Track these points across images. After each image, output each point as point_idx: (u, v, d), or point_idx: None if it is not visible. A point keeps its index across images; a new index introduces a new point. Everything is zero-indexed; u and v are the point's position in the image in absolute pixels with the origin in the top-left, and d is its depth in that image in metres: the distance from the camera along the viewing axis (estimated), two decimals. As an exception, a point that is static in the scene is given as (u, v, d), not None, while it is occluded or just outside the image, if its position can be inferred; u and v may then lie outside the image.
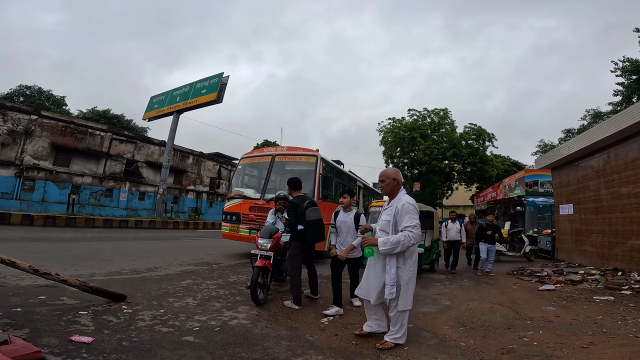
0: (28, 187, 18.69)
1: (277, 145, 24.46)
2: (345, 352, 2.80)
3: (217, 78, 20.64)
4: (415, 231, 2.74)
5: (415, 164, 28.29)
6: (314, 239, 4.24)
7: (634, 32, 19.14)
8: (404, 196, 2.95)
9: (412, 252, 2.89)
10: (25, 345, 2.17)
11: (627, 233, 7.26)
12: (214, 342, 2.77)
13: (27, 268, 3.25)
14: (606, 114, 23.25)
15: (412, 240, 2.74)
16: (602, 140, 7.91)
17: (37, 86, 31.11)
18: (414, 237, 2.74)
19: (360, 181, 13.22)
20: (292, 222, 4.18)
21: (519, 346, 3.06)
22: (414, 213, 2.81)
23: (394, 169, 3.16)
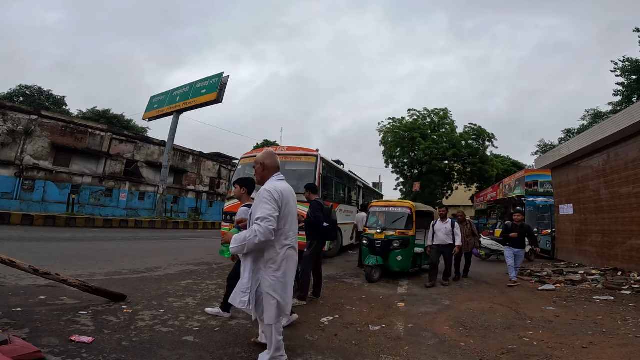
0: (28, 187, 18.69)
1: (277, 145, 24.47)
2: (345, 352, 2.80)
3: (217, 78, 20.65)
4: (263, 224, 2.11)
5: (415, 164, 28.30)
6: (332, 237, 4.61)
7: (634, 32, 19.16)
8: (269, 182, 2.36)
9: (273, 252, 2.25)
10: (25, 345, 2.17)
11: (627, 233, 7.26)
12: (214, 342, 2.77)
13: (27, 268, 3.25)
14: (606, 114, 23.26)
15: (259, 237, 2.10)
16: (602, 140, 7.90)
17: (37, 86, 31.13)
18: (261, 233, 2.10)
19: (360, 181, 13.22)
20: (320, 219, 4.38)
21: (519, 346, 3.06)
22: (268, 202, 2.19)
23: (266, 151, 2.56)
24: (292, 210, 2.38)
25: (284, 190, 2.32)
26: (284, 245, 2.28)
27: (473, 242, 7.13)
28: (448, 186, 29.42)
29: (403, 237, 6.35)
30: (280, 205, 2.24)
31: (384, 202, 8.04)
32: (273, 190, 2.25)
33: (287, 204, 2.31)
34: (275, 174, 2.44)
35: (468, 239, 6.97)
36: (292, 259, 2.34)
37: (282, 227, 2.28)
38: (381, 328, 3.46)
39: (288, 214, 2.32)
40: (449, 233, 6.22)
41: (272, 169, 2.45)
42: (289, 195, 2.36)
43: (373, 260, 6.03)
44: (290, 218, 2.36)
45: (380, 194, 20.26)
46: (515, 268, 6.40)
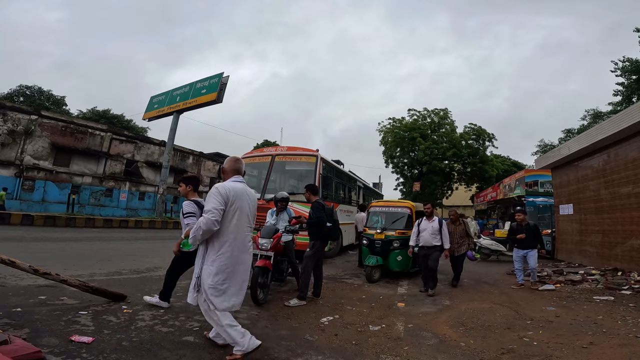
0: (28, 187, 18.70)
1: (277, 145, 24.47)
2: (345, 352, 2.80)
3: (217, 78, 20.64)
4: (207, 216, 2.33)
5: (415, 164, 28.29)
6: (334, 237, 4.73)
7: (634, 32, 19.16)
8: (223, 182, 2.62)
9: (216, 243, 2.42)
10: (25, 345, 2.17)
11: (627, 233, 7.26)
12: (213, 342, 2.77)
13: (27, 268, 3.25)
14: (606, 114, 23.26)
15: (202, 227, 2.31)
16: (602, 140, 7.90)
17: (37, 86, 31.15)
18: (204, 223, 2.31)
19: (361, 181, 13.22)
20: (322, 219, 4.44)
21: (519, 346, 3.06)
22: (214, 197, 2.41)
23: (229, 158, 2.77)
24: (242, 208, 2.55)
25: (235, 189, 2.53)
26: (227, 240, 2.44)
27: (467, 244, 6.30)
28: (448, 186, 29.40)
29: (403, 237, 6.35)
30: (227, 201, 2.44)
31: (384, 202, 8.04)
32: (220, 187, 2.47)
33: (235, 201, 2.49)
34: (234, 176, 2.67)
35: (461, 241, 6.24)
36: (235, 254, 2.47)
37: (228, 222, 2.45)
38: (381, 328, 3.46)
39: (236, 209, 2.50)
40: (435, 233, 5.54)
41: (230, 172, 2.70)
42: (240, 194, 2.56)
43: (373, 260, 6.03)
44: (239, 214, 2.51)
45: (380, 194, 20.25)
46: (532, 270, 6.15)
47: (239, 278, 2.51)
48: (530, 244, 6.10)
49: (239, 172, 2.72)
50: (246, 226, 2.60)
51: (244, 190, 2.62)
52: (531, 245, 6.10)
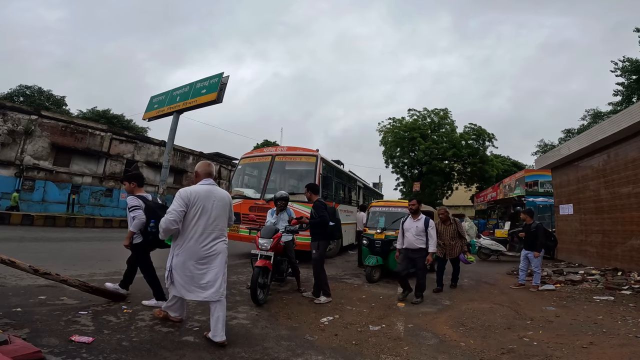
0: (28, 187, 18.68)
1: (277, 145, 24.44)
2: (345, 352, 2.80)
3: (217, 78, 20.58)
4: (167, 216, 2.71)
5: (415, 164, 28.27)
6: (338, 236, 4.87)
7: (634, 32, 19.16)
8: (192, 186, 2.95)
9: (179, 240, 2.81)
10: (25, 345, 2.17)
11: (627, 233, 7.26)
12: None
13: (27, 268, 3.25)
14: (606, 114, 23.25)
15: (162, 226, 2.71)
16: (602, 140, 7.90)
17: (37, 86, 31.12)
18: (164, 222, 2.70)
19: (361, 181, 13.22)
20: (326, 219, 4.49)
21: (519, 346, 3.06)
22: (175, 200, 2.76)
23: (200, 162, 3.09)
24: (205, 208, 2.82)
25: (198, 192, 2.82)
26: (187, 237, 2.78)
27: (459, 246, 5.87)
28: (448, 186, 29.39)
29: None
30: (188, 203, 2.75)
31: (384, 202, 8.04)
32: (182, 191, 2.80)
33: (197, 202, 2.78)
34: (203, 179, 2.97)
35: (453, 242, 5.83)
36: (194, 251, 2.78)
37: (189, 221, 2.77)
38: (381, 328, 3.46)
39: (198, 210, 2.79)
40: (420, 234, 4.81)
41: (202, 175, 2.99)
42: (205, 196, 2.84)
43: (373, 260, 6.03)
44: (201, 214, 2.80)
45: (381, 194, 20.24)
46: (533, 271, 6.04)
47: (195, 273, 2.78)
48: (529, 245, 6.05)
49: (210, 175, 3.02)
50: (210, 225, 2.84)
51: (209, 192, 2.87)
52: (531, 247, 6.02)
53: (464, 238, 6.00)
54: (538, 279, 6.10)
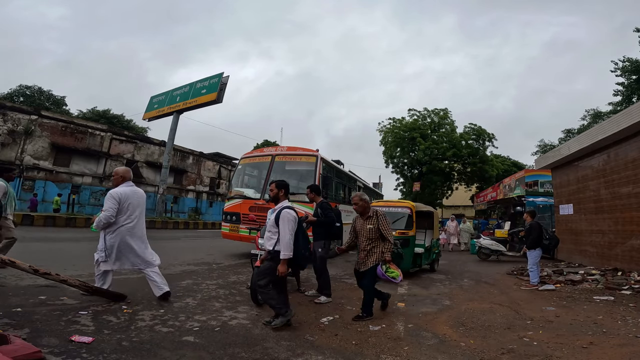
0: (28, 187, 18.70)
1: (277, 145, 24.44)
2: (345, 352, 2.80)
3: (217, 78, 20.65)
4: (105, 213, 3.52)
5: (415, 164, 28.27)
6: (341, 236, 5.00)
7: (634, 32, 19.16)
8: (117, 188, 3.70)
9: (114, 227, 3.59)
10: (25, 345, 2.17)
11: (627, 233, 7.26)
12: (214, 342, 2.77)
13: (27, 268, 3.25)
14: (606, 114, 23.26)
15: (103, 220, 3.52)
16: (602, 140, 7.90)
17: (37, 86, 31.15)
18: (104, 218, 3.53)
19: (360, 181, 13.22)
20: (333, 219, 4.60)
21: (519, 346, 3.06)
22: (109, 200, 3.54)
23: (124, 168, 3.85)
24: (133, 204, 3.70)
25: (125, 192, 3.67)
26: (119, 226, 3.61)
27: (378, 253, 3.83)
28: (448, 186, 29.40)
29: (403, 237, 6.35)
30: (119, 202, 3.59)
31: (384, 202, 8.04)
32: (114, 193, 3.60)
33: (126, 200, 3.64)
34: (125, 182, 3.77)
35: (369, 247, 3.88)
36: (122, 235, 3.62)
37: (121, 215, 3.62)
38: (381, 328, 3.46)
39: (127, 206, 3.65)
40: (271, 229, 3.37)
41: (126, 178, 3.79)
42: (130, 195, 3.70)
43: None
44: (131, 209, 3.68)
45: (381, 194, 20.25)
46: (530, 269, 6.18)
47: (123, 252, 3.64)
48: (529, 243, 6.19)
49: (129, 179, 3.82)
50: (136, 216, 3.72)
51: (132, 192, 3.75)
52: (530, 246, 6.16)
53: (388, 240, 3.83)
54: (535, 278, 6.15)
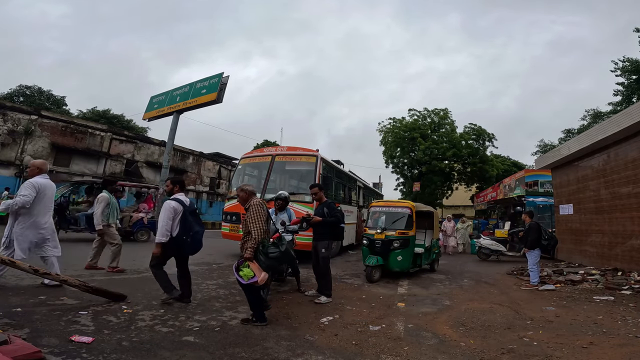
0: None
1: (277, 145, 24.44)
2: (345, 352, 2.80)
3: (217, 78, 20.60)
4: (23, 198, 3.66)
5: (415, 164, 28.25)
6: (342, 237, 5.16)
7: (634, 32, 19.16)
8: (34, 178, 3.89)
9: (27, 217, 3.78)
10: (25, 345, 2.17)
11: (627, 233, 7.26)
12: (214, 342, 2.77)
13: (27, 268, 3.25)
14: (606, 114, 23.25)
15: (19, 204, 3.66)
16: (602, 140, 7.90)
17: (37, 86, 31.11)
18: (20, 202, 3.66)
19: (361, 181, 13.22)
20: (339, 219, 4.62)
21: (519, 346, 3.06)
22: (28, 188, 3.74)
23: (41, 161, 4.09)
24: (47, 195, 3.94)
25: (43, 183, 3.88)
26: (34, 214, 3.82)
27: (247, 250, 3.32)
28: (448, 186, 29.37)
29: (403, 237, 6.35)
30: (38, 191, 3.78)
31: (384, 202, 8.04)
32: (34, 182, 3.81)
33: (43, 190, 3.85)
34: (41, 174, 3.95)
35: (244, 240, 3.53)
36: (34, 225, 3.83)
37: (36, 204, 3.80)
38: (381, 328, 3.46)
39: (43, 196, 3.87)
40: None
41: (42, 170, 3.99)
42: (47, 186, 3.93)
43: (373, 260, 6.03)
44: (45, 199, 3.91)
45: (381, 194, 20.25)
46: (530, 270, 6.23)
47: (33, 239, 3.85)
48: (528, 244, 6.27)
49: (45, 172, 4.03)
50: (48, 207, 4.00)
51: (49, 184, 3.98)
52: (529, 246, 6.24)
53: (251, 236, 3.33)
54: (535, 278, 6.18)
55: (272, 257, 3.23)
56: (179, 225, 3.68)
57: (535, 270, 6.22)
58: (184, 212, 3.72)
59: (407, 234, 6.44)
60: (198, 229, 3.79)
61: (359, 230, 10.91)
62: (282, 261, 3.44)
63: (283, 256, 3.30)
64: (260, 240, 3.25)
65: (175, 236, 3.66)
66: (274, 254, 3.24)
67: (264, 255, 3.22)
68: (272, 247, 3.30)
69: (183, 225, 3.68)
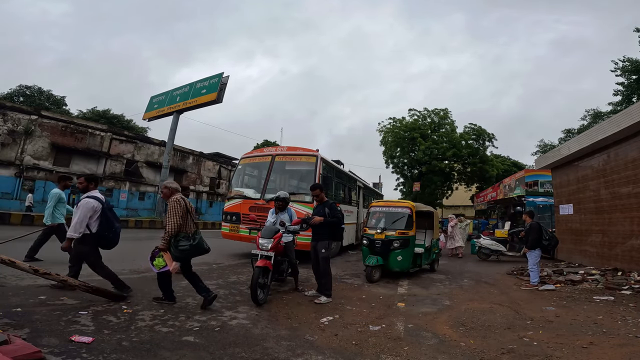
0: (28, 187, 18.68)
1: (277, 145, 24.43)
2: (345, 352, 2.80)
3: (217, 78, 20.64)
4: None
5: (415, 164, 28.25)
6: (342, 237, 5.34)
7: (634, 32, 19.16)
8: None
9: None
10: (25, 345, 2.17)
11: (627, 233, 7.26)
12: (214, 342, 2.77)
13: (27, 268, 3.25)
14: (606, 114, 23.25)
15: None
16: (602, 140, 7.90)
17: (37, 86, 31.15)
18: None
19: (361, 181, 13.21)
20: (341, 220, 4.66)
21: (519, 346, 3.06)
22: None
23: None
24: None
25: None
26: None
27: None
28: (448, 186, 29.38)
29: (403, 237, 6.35)
30: None
31: (384, 202, 8.04)
32: None
33: None
34: None
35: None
36: None
37: None
38: (381, 328, 3.46)
39: None
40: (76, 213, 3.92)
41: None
42: None
43: (373, 260, 6.03)
44: None
45: (381, 194, 20.25)
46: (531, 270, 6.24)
47: None
48: (528, 244, 6.26)
49: None
50: None
51: None
52: (529, 246, 6.24)
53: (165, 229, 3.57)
54: (535, 278, 6.19)
55: (182, 250, 3.53)
56: (98, 222, 3.82)
57: (536, 270, 6.22)
58: (103, 209, 3.89)
59: (407, 234, 6.44)
60: (118, 225, 4.07)
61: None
62: (193, 254, 3.70)
63: (193, 249, 3.60)
64: (173, 233, 3.51)
65: (96, 232, 3.80)
66: (183, 247, 3.52)
67: (175, 247, 3.52)
68: (184, 241, 3.55)
69: (104, 222, 3.85)
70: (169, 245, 3.53)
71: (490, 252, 10.71)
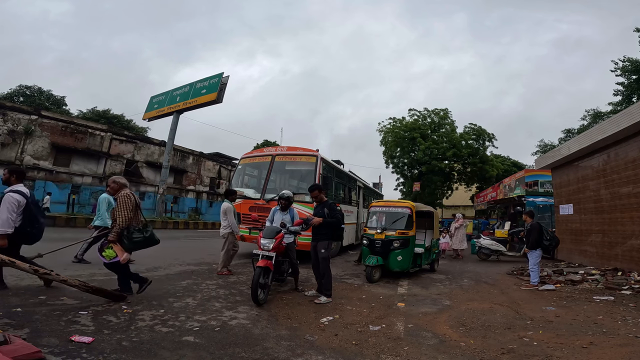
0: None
1: (277, 145, 24.44)
2: (345, 352, 2.80)
3: (217, 78, 20.66)
4: None
5: (415, 164, 28.25)
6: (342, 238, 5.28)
7: (634, 32, 19.16)
8: None
9: None
10: (25, 345, 2.16)
11: (627, 233, 7.26)
12: (214, 342, 2.77)
13: (27, 268, 3.25)
14: (606, 114, 23.25)
15: None
16: (602, 140, 7.90)
17: (37, 86, 31.13)
18: None
19: (361, 181, 13.22)
20: (341, 220, 4.67)
21: (519, 346, 3.06)
22: None
23: None
24: None
25: None
26: None
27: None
28: (448, 186, 29.39)
29: (403, 237, 6.35)
30: None
31: (384, 202, 8.04)
32: None
33: None
34: None
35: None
36: None
37: None
38: (381, 328, 3.46)
39: None
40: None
41: None
42: None
43: (373, 260, 6.03)
44: None
45: (381, 194, 20.25)
46: (531, 270, 6.23)
47: None
48: (529, 244, 6.26)
49: None
50: None
51: None
52: (530, 246, 6.23)
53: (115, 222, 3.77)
54: (535, 278, 6.18)
55: (135, 241, 3.75)
56: (21, 216, 3.71)
57: (536, 270, 6.22)
58: (28, 204, 3.79)
59: (407, 234, 6.44)
60: (42, 221, 4.00)
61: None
62: (145, 245, 3.90)
63: (146, 241, 3.85)
64: (124, 226, 3.71)
65: (18, 227, 3.68)
66: (137, 239, 3.76)
67: (128, 239, 3.71)
68: (137, 233, 3.78)
69: (28, 217, 3.75)
70: (119, 237, 3.70)
71: (490, 252, 10.71)
